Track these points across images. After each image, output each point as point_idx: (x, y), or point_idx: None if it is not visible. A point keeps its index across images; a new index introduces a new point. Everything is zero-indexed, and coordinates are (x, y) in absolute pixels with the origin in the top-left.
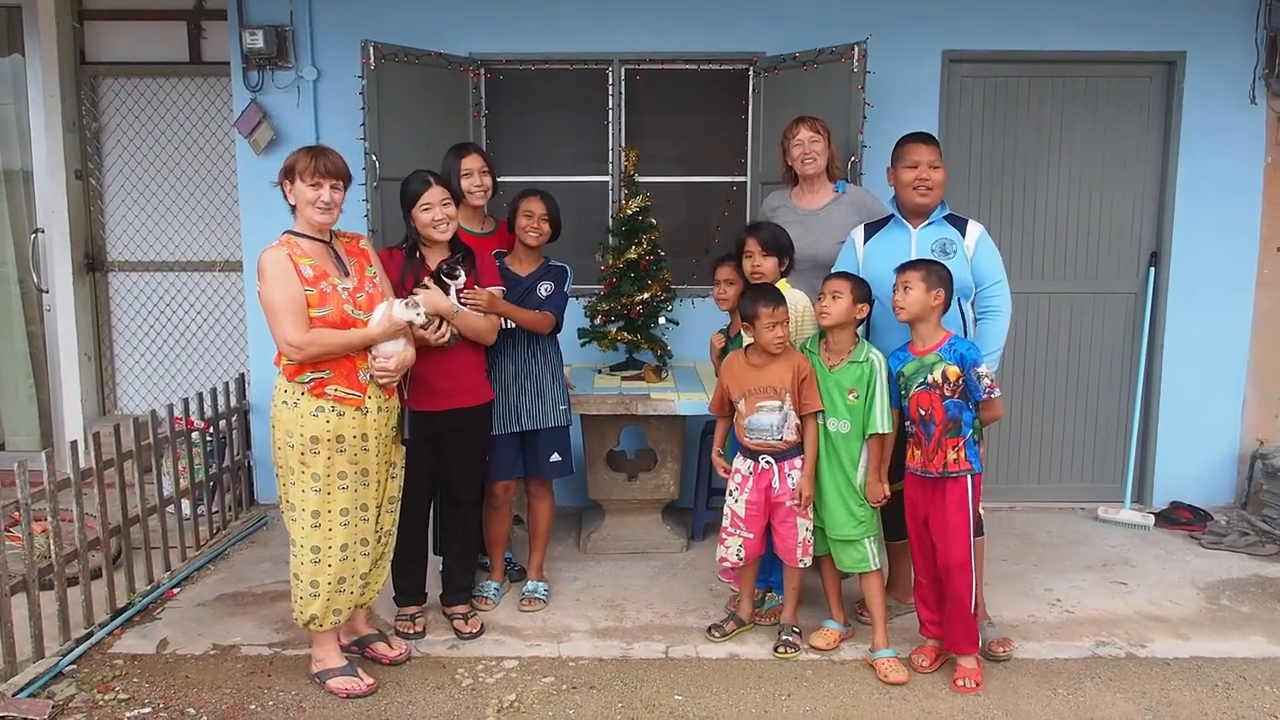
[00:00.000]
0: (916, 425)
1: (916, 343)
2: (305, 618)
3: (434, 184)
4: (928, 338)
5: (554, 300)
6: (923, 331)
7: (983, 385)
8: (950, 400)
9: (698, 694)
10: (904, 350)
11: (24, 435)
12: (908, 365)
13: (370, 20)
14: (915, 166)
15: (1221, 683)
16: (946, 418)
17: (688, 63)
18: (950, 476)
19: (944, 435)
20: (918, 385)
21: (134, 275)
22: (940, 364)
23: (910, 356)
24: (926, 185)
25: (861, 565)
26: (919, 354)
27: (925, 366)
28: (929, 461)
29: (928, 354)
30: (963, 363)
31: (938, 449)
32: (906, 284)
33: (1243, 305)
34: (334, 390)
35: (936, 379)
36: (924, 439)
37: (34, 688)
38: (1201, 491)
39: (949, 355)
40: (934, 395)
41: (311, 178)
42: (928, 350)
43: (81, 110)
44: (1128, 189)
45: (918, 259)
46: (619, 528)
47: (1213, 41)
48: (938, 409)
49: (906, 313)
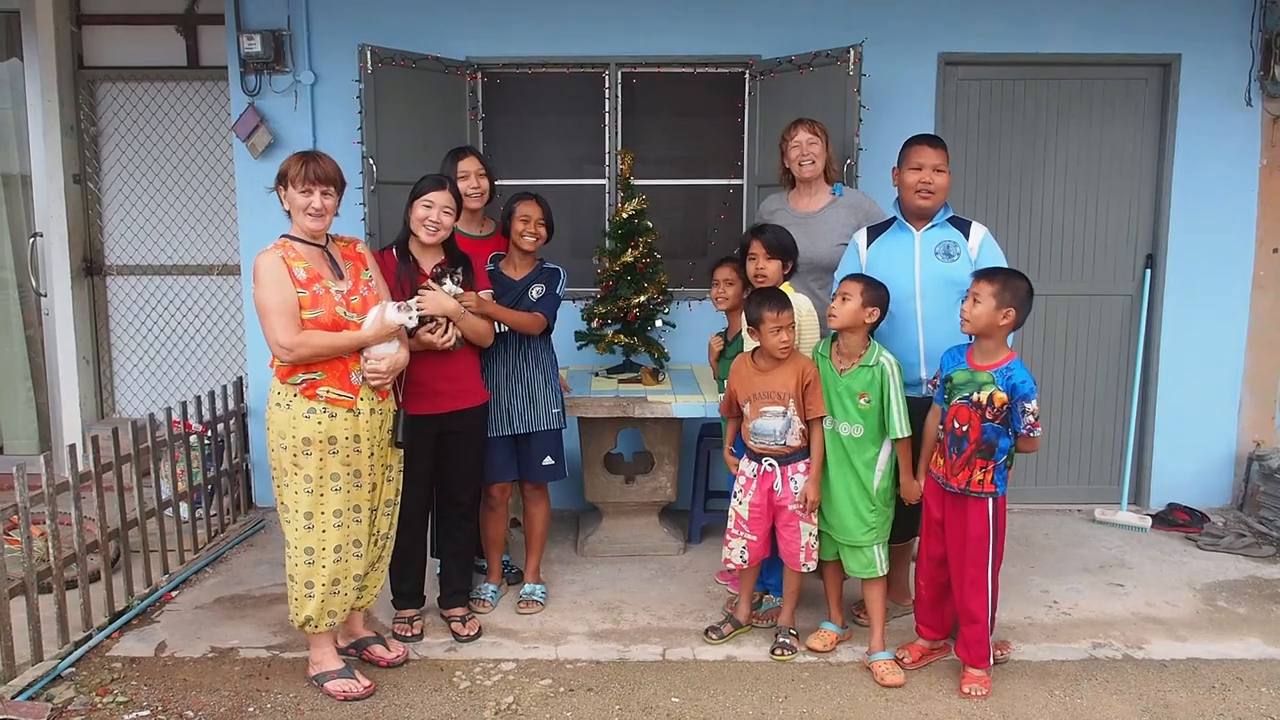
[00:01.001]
0: (947, 435)
1: (976, 355)
2: (300, 619)
3: (446, 188)
4: (991, 353)
5: (545, 302)
6: (987, 347)
7: (1026, 421)
8: (990, 424)
9: (695, 696)
10: (961, 354)
11: (22, 439)
12: (958, 373)
13: (367, 24)
14: (920, 169)
15: (1218, 684)
16: (982, 439)
17: (684, 66)
18: (971, 495)
19: (975, 455)
20: (960, 397)
21: (132, 279)
22: (991, 386)
23: (965, 365)
24: (929, 189)
25: (869, 571)
26: (975, 367)
27: (975, 383)
28: (952, 476)
29: (982, 370)
30: (1013, 393)
31: (965, 466)
32: (976, 295)
33: (1239, 307)
34: (326, 392)
35: (982, 399)
36: (950, 452)
37: (32, 691)
38: (1198, 493)
39: (1002, 380)
40: (975, 414)
41: (302, 185)
42: (985, 367)
43: (80, 115)
44: (1123, 191)
45: (995, 268)
46: (616, 530)
47: (1208, 44)
48: (975, 428)
49: (971, 325)
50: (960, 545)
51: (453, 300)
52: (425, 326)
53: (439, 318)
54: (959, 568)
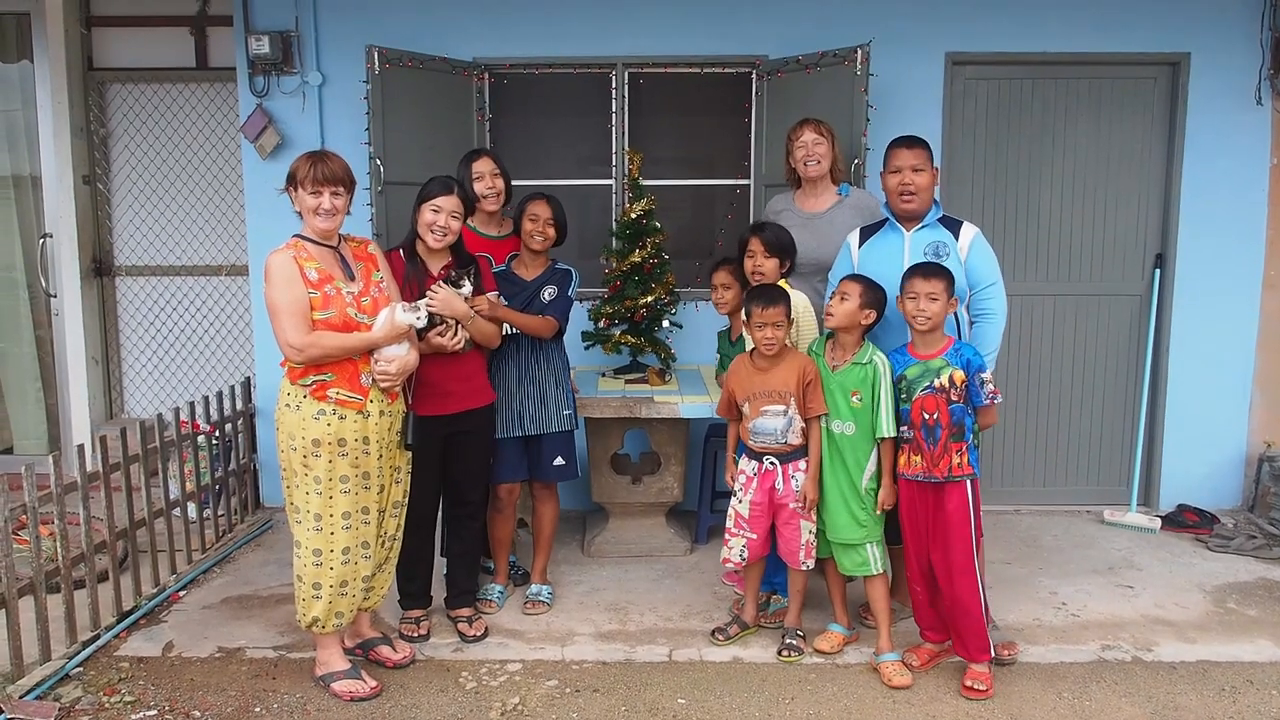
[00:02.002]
0: (918, 430)
1: (919, 346)
2: (308, 619)
3: (454, 192)
4: (933, 342)
5: (557, 305)
6: (929, 337)
7: (985, 391)
8: (955, 405)
9: (701, 697)
10: (903, 352)
11: (32, 439)
12: (910, 369)
13: (375, 25)
14: (898, 172)
15: (1228, 686)
16: (952, 422)
17: (691, 66)
18: (954, 480)
19: (949, 440)
20: (923, 389)
21: (141, 280)
22: (947, 368)
23: (912, 360)
24: (910, 190)
25: (863, 569)
26: (923, 358)
27: (931, 371)
28: (933, 466)
29: (933, 358)
30: (968, 367)
31: (944, 454)
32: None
33: (1249, 307)
34: (335, 393)
35: (944, 383)
36: (927, 444)
37: (40, 690)
38: (1208, 494)
39: (955, 360)
40: (940, 400)
41: (311, 186)
42: (933, 354)
43: (89, 116)
44: (1132, 191)
45: (928, 263)
46: (623, 531)
47: (1217, 43)
48: (944, 413)
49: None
50: (944, 534)
51: (462, 302)
52: (435, 329)
53: (448, 320)
54: (945, 559)
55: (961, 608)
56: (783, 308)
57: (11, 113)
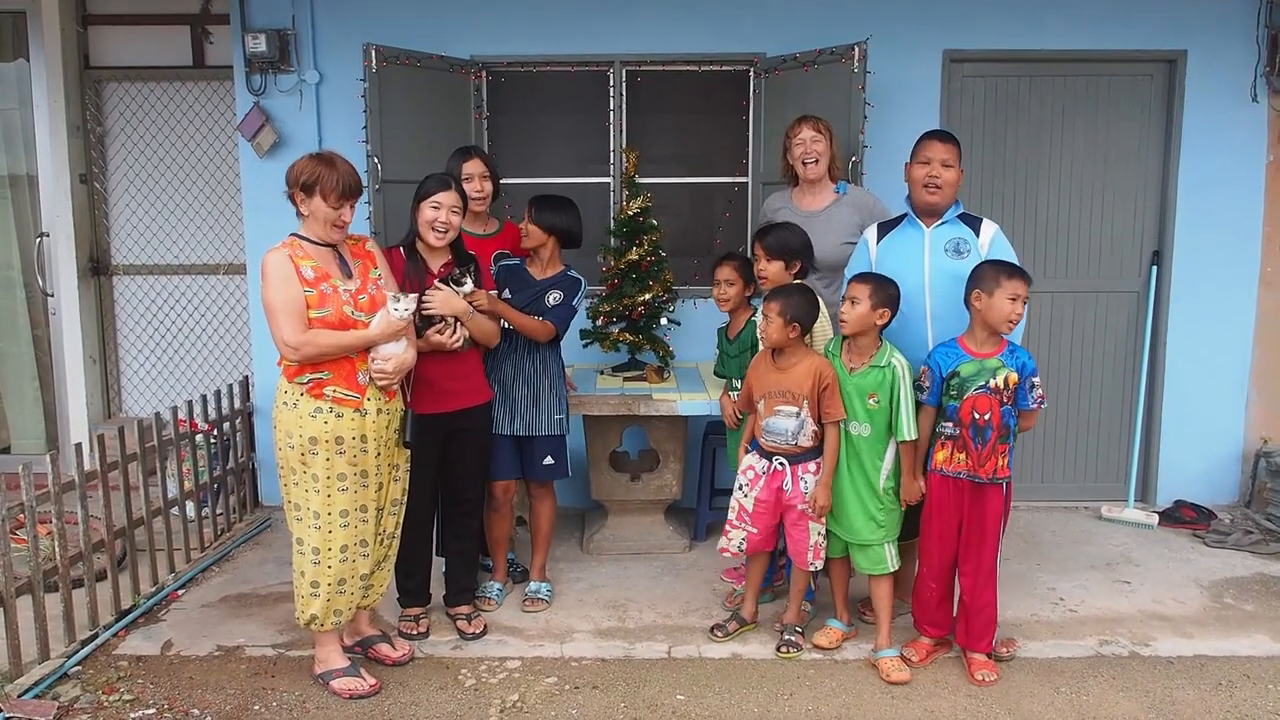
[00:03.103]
0: (965, 429)
1: (974, 344)
2: (306, 617)
3: (452, 188)
4: (985, 340)
5: (558, 311)
6: (983, 335)
7: (1034, 395)
8: (1005, 408)
9: (700, 694)
10: (956, 347)
11: (29, 438)
12: (965, 365)
13: (372, 23)
14: (927, 163)
15: (1225, 681)
16: (1002, 423)
17: (688, 64)
18: (997, 483)
19: (998, 441)
20: (976, 388)
21: (138, 278)
22: (1003, 370)
23: (968, 357)
24: (936, 184)
25: (880, 568)
26: (979, 355)
27: (987, 370)
28: (979, 467)
29: (990, 357)
30: (1023, 370)
31: (991, 455)
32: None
33: (1245, 304)
34: (332, 391)
35: (999, 384)
36: (975, 444)
37: (39, 689)
38: (1205, 490)
39: (1010, 361)
40: (994, 401)
41: (336, 200)
42: (990, 354)
43: (86, 114)
44: (1129, 188)
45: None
46: (622, 528)
47: (1214, 40)
48: (996, 414)
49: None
50: (979, 534)
51: (462, 301)
52: (434, 327)
53: (448, 318)
54: (975, 559)
55: (982, 603)
56: (777, 303)
57: (8, 111)
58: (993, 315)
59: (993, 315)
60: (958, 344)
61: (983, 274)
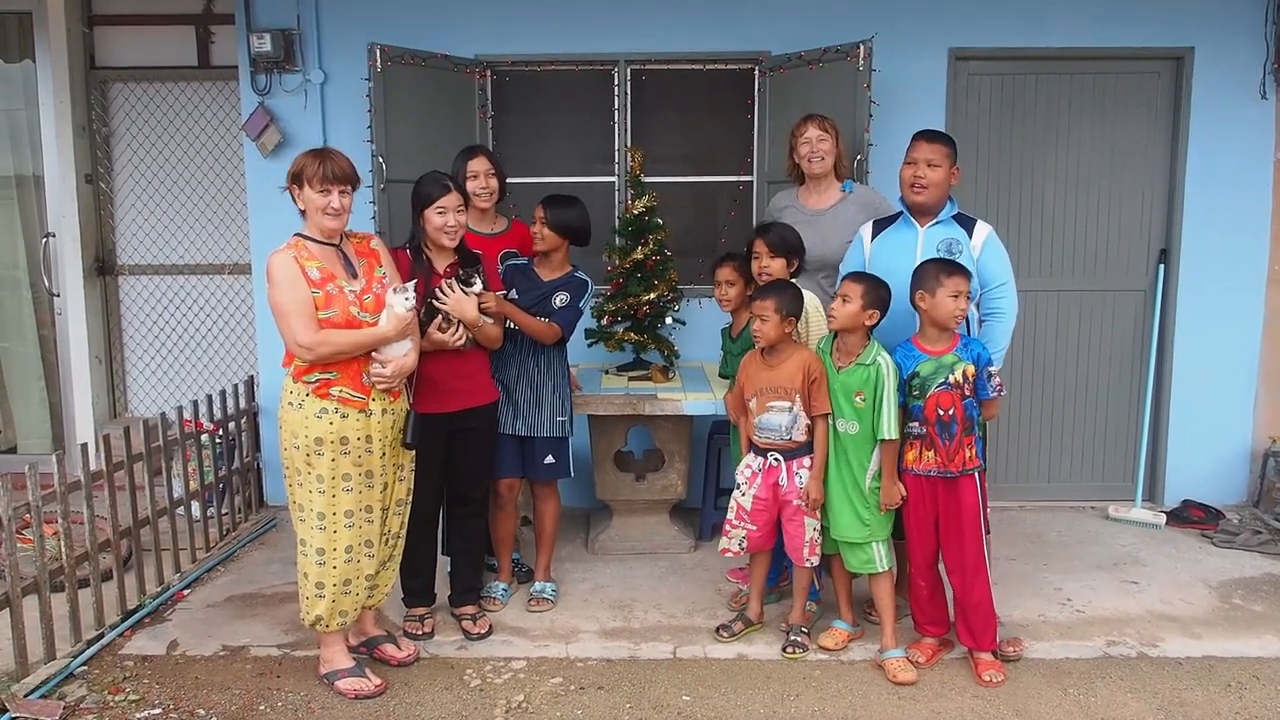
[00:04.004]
0: (932, 426)
1: (928, 342)
2: (311, 618)
3: (452, 189)
4: (936, 338)
5: (564, 313)
6: (934, 333)
7: (993, 384)
8: (967, 400)
9: (706, 694)
10: (911, 348)
11: (35, 438)
12: (923, 365)
13: (376, 23)
14: (913, 164)
15: (1234, 682)
16: (965, 416)
17: (693, 63)
18: (967, 474)
19: (964, 434)
20: (938, 385)
21: (144, 278)
22: (960, 364)
23: (924, 356)
24: (921, 183)
25: (869, 567)
26: (935, 354)
27: (944, 366)
28: (949, 461)
29: (945, 354)
30: (978, 361)
31: (958, 448)
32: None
33: (1254, 302)
34: (338, 392)
35: (958, 379)
36: (942, 440)
37: (45, 689)
38: (1213, 490)
39: (966, 354)
40: (955, 395)
41: (320, 184)
42: (944, 350)
43: (91, 115)
44: (1136, 186)
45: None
46: (627, 528)
47: (1221, 37)
48: (959, 408)
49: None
50: (957, 529)
51: (474, 307)
52: (435, 323)
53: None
54: (958, 553)
55: (975, 599)
56: (771, 301)
57: (14, 112)
58: (939, 313)
59: (939, 313)
60: (913, 344)
61: (924, 274)
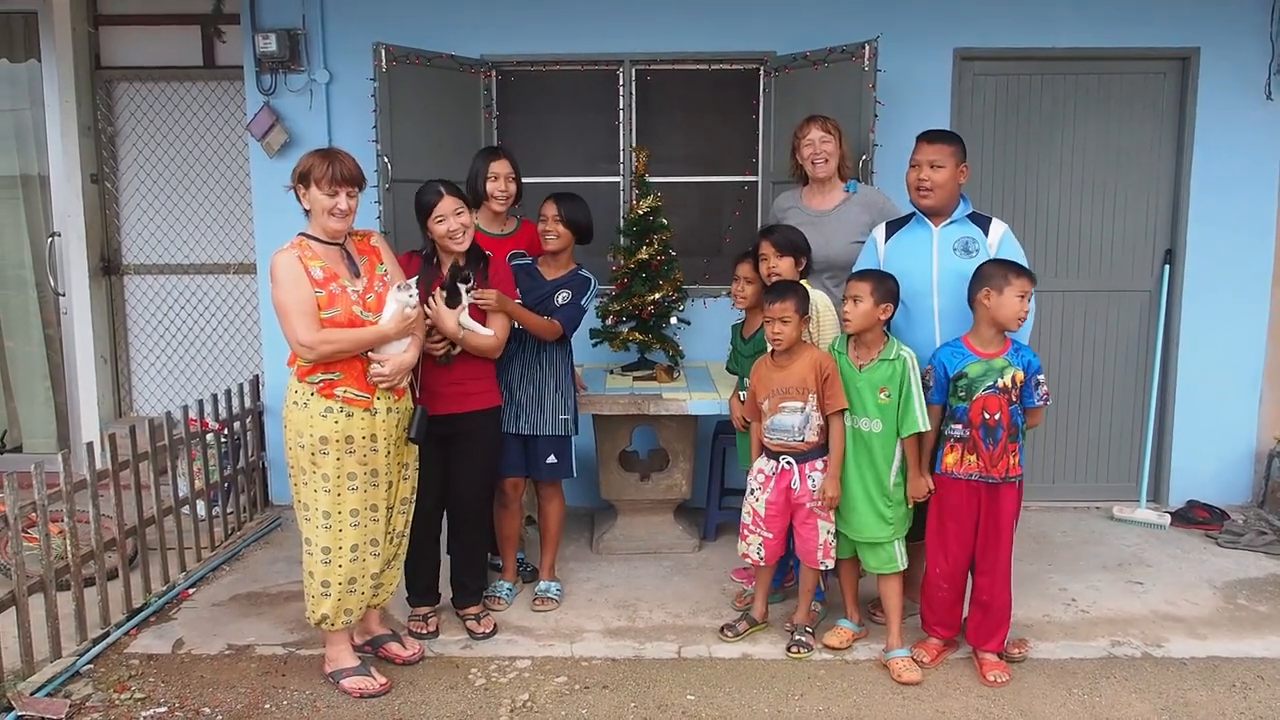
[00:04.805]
0: (976, 429)
1: (980, 343)
2: (317, 617)
3: (445, 195)
4: (990, 340)
5: (567, 310)
6: (989, 334)
7: (1039, 393)
8: (1013, 406)
9: (710, 694)
10: (962, 347)
11: (41, 437)
12: (972, 366)
13: (382, 23)
14: (916, 167)
15: (1239, 683)
16: (1011, 423)
17: (698, 63)
18: (1010, 481)
19: (1009, 440)
20: (985, 388)
21: (149, 278)
22: (1010, 369)
23: (975, 357)
24: (926, 186)
25: (889, 566)
26: (986, 356)
27: (994, 370)
28: (992, 467)
29: (996, 357)
30: (1028, 369)
31: (1003, 454)
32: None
33: (1259, 302)
34: (343, 391)
35: (1006, 384)
36: (986, 444)
37: (51, 687)
38: (1218, 490)
39: (1016, 360)
40: (1003, 400)
41: (329, 186)
42: (995, 354)
43: (97, 114)
44: (1142, 186)
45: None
46: (631, 528)
47: (1227, 37)
48: (1005, 414)
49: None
50: (994, 535)
51: (453, 322)
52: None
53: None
54: (992, 559)
55: (1000, 603)
56: (791, 303)
57: (19, 112)
58: (1003, 313)
59: (1003, 313)
60: (963, 344)
61: (990, 272)
